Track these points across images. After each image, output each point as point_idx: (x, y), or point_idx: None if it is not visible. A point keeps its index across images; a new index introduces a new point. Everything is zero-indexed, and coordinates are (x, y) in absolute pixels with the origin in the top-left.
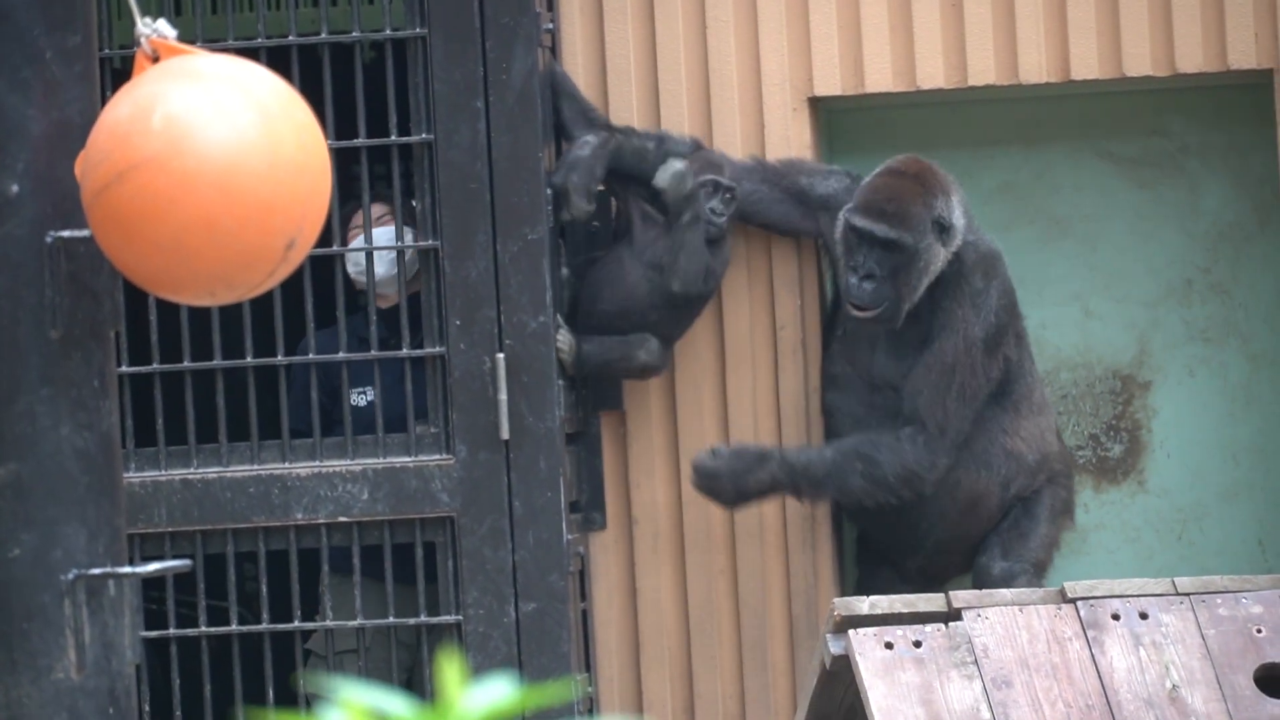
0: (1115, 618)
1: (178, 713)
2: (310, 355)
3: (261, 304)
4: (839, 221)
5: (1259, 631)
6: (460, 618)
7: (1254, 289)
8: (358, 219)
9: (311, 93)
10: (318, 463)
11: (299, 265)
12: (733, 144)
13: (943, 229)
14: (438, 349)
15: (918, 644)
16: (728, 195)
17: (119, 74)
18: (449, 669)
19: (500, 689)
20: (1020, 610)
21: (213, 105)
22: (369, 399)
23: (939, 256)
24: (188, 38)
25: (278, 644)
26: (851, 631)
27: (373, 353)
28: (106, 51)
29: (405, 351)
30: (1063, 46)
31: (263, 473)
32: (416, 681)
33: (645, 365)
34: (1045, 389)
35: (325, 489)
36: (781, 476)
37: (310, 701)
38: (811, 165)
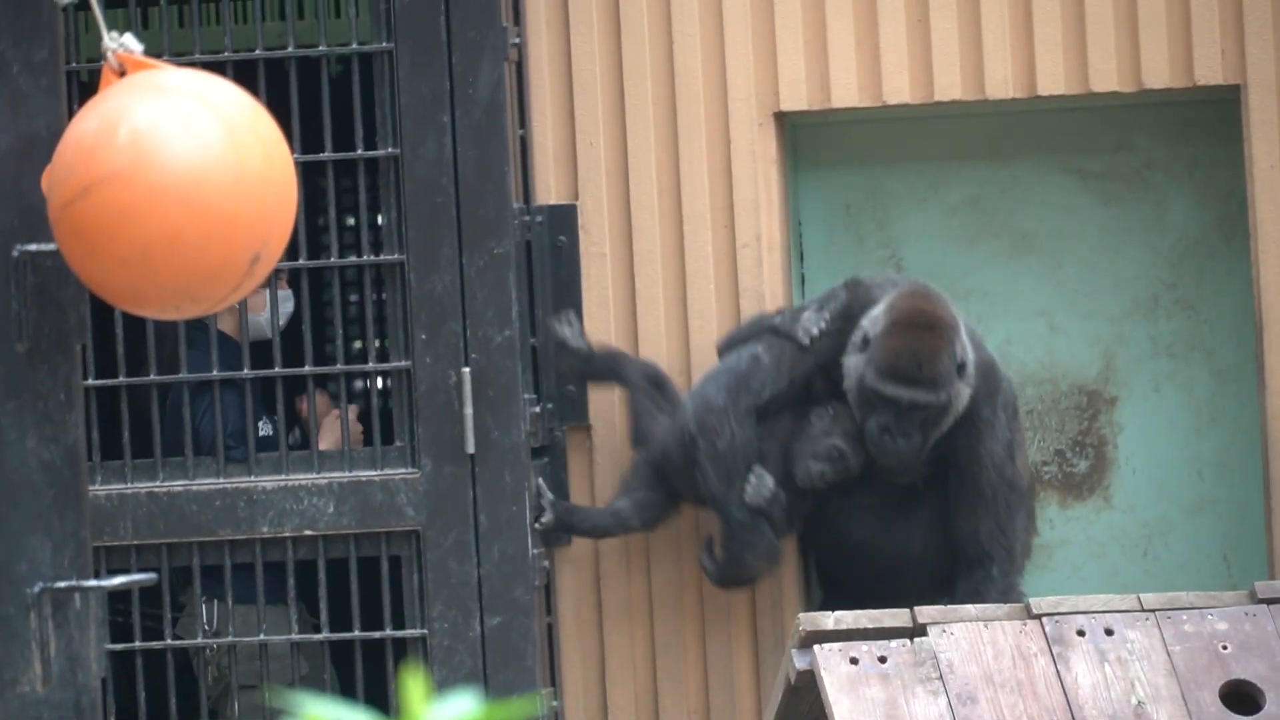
0: (1081, 634)
1: None
2: (277, 367)
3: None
4: (855, 381)
5: (1225, 648)
6: (425, 631)
7: (1219, 304)
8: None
9: (278, 107)
10: (284, 476)
11: (263, 280)
12: (698, 158)
13: (962, 367)
14: (403, 363)
15: (883, 659)
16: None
17: (86, 88)
18: (412, 684)
19: (464, 704)
20: (985, 626)
21: (179, 120)
22: (270, 431)
23: (963, 395)
24: (154, 51)
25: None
26: (817, 647)
27: (339, 366)
28: (73, 65)
29: (371, 365)
30: (1029, 62)
31: (229, 486)
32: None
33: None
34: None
35: (291, 502)
36: None
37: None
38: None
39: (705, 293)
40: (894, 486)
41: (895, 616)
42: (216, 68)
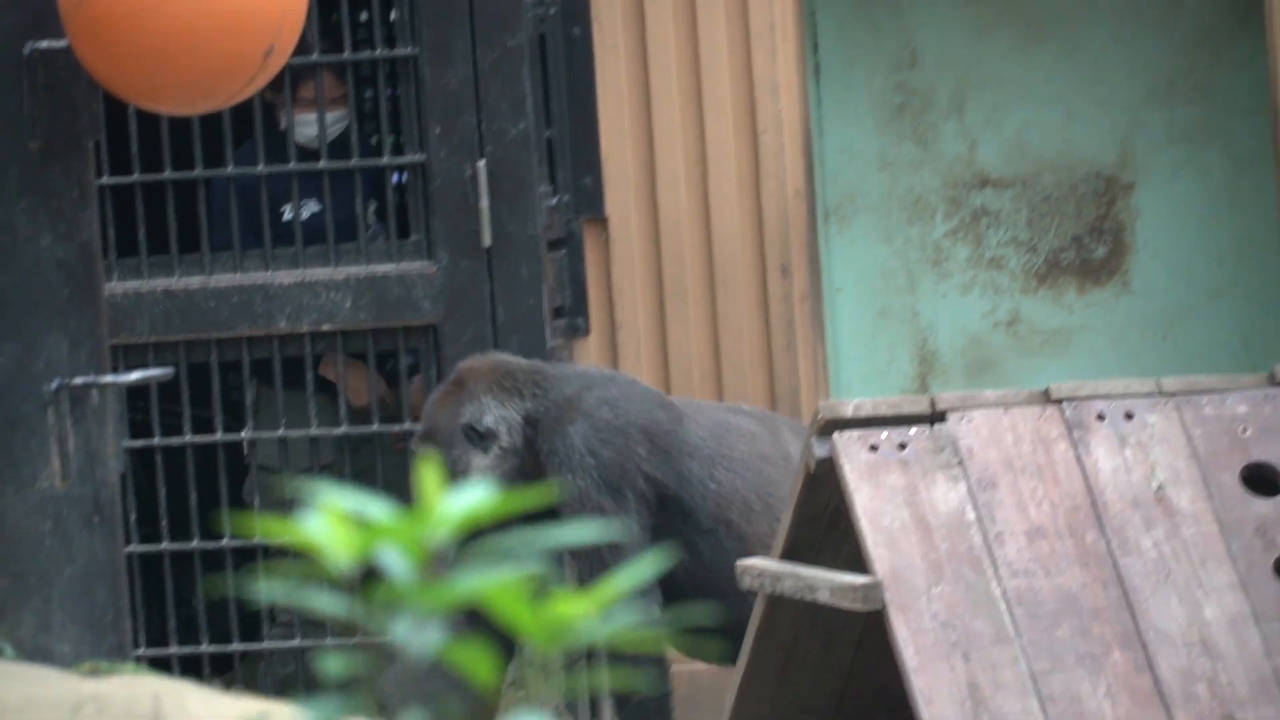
0: (1100, 418)
1: (163, 521)
2: (292, 164)
3: (242, 112)
4: None
5: (1244, 431)
6: None
7: (1236, 90)
8: (304, 90)
9: None
10: (301, 271)
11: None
12: None
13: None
14: (418, 156)
15: (902, 446)
16: None
17: None
18: (429, 473)
19: (479, 494)
20: (1005, 411)
21: None
22: (312, 211)
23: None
24: None
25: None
26: (836, 434)
27: (354, 160)
28: None
29: (386, 159)
30: None
31: (246, 282)
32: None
33: None
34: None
35: (308, 297)
36: None
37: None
38: None
39: (720, 82)
40: None
41: (914, 403)
42: None
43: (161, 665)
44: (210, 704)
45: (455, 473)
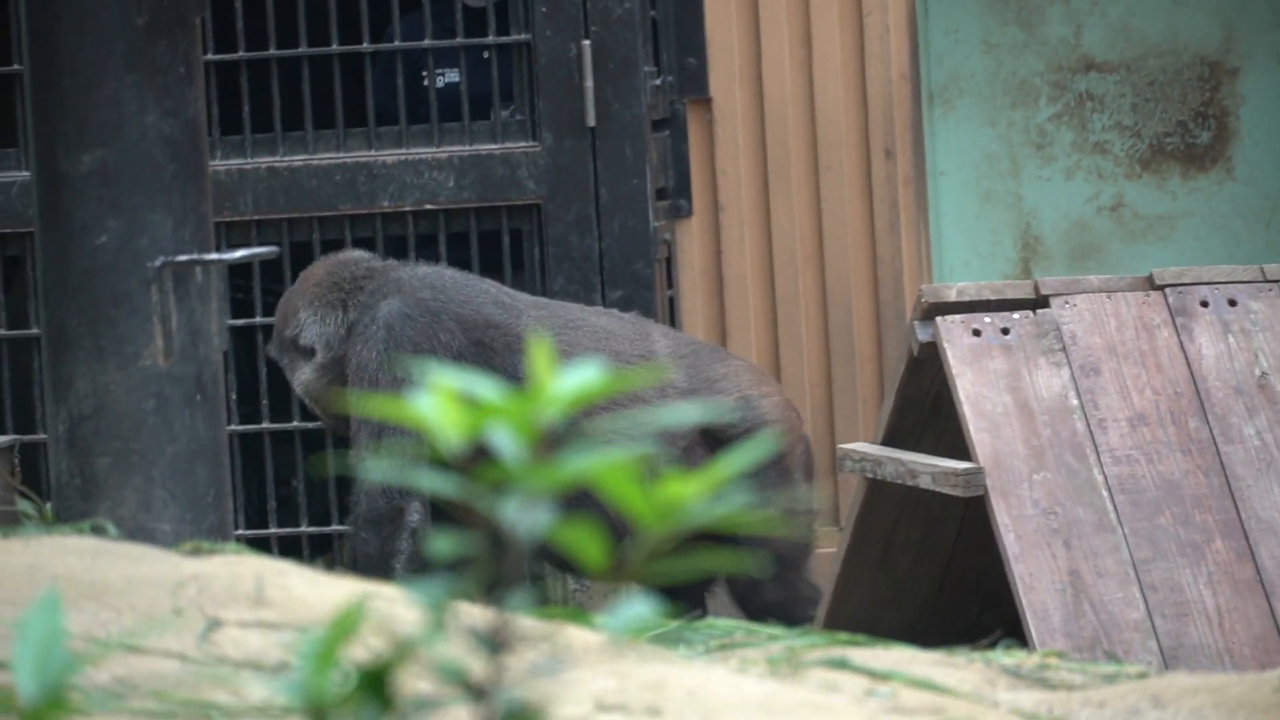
0: (1204, 305)
1: (264, 401)
2: (395, 40)
3: None
4: None
5: None
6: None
7: None
8: None
9: None
10: (404, 150)
11: None
12: None
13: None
14: (523, 35)
15: (1005, 331)
16: None
17: None
18: (540, 353)
19: (590, 373)
20: (1108, 297)
21: None
22: (451, 80)
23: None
24: None
25: None
26: (939, 318)
27: (459, 39)
28: None
29: (491, 38)
30: None
31: (349, 160)
32: None
33: None
34: None
35: (411, 176)
36: None
37: None
38: None
39: None
40: None
41: (1018, 288)
42: None
43: (261, 546)
44: (314, 585)
45: (289, 377)
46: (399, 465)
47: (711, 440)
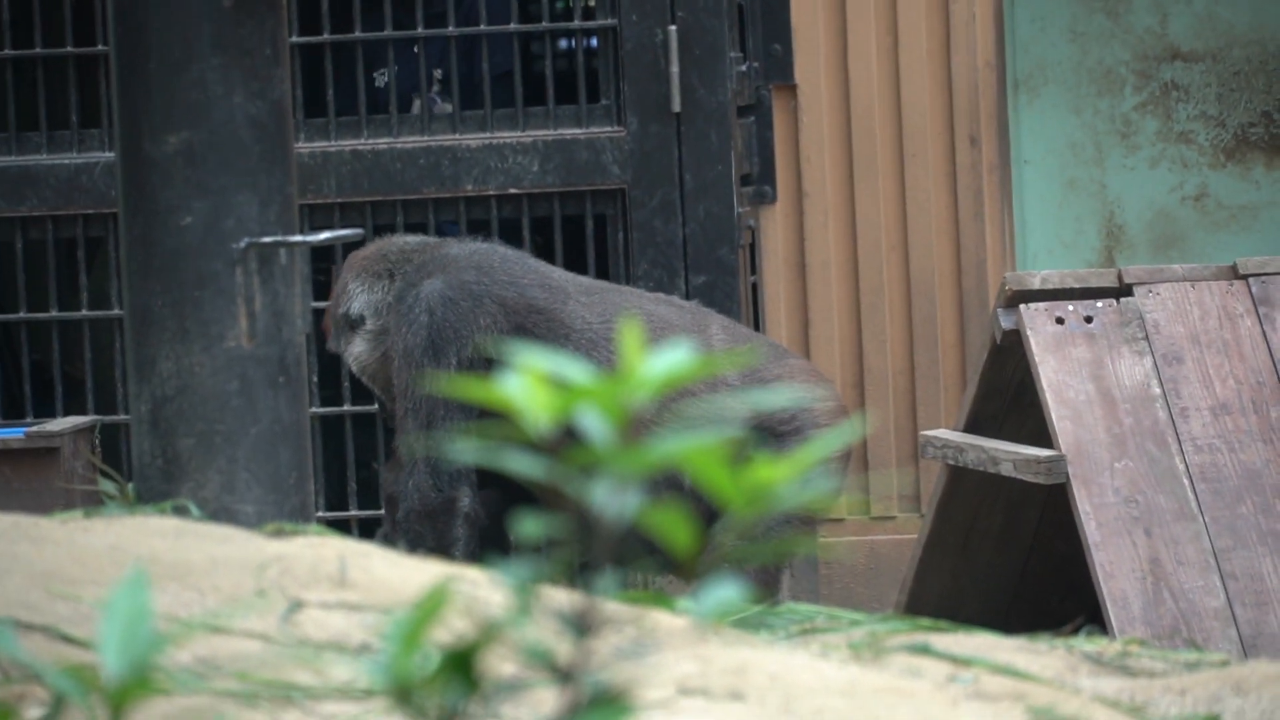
0: None
1: (345, 384)
2: (482, 25)
3: None
4: None
5: None
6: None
7: None
8: None
9: None
10: (488, 134)
11: None
12: None
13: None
14: (609, 21)
15: (1089, 319)
16: None
17: None
18: (630, 335)
19: (680, 357)
20: (1192, 286)
21: None
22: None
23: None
24: None
25: None
26: (1022, 306)
27: (545, 23)
28: None
29: (577, 23)
30: None
31: (433, 144)
32: None
33: None
34: None
35: (495, 160)
36: None
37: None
38: None
39: None
40: None
41: (1101, 276)
42: None
43: (341, 528)
44: (397, 567)
45: (343, 358)
46: (453, 452)
47: (758, 436)
